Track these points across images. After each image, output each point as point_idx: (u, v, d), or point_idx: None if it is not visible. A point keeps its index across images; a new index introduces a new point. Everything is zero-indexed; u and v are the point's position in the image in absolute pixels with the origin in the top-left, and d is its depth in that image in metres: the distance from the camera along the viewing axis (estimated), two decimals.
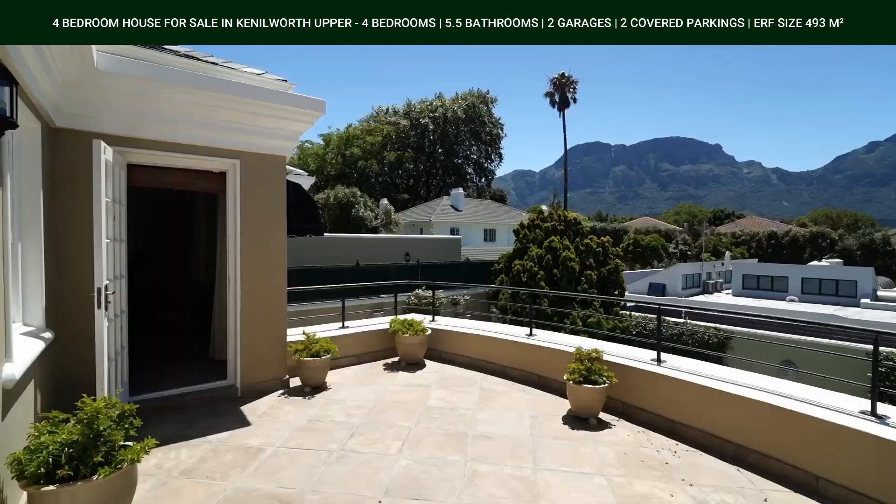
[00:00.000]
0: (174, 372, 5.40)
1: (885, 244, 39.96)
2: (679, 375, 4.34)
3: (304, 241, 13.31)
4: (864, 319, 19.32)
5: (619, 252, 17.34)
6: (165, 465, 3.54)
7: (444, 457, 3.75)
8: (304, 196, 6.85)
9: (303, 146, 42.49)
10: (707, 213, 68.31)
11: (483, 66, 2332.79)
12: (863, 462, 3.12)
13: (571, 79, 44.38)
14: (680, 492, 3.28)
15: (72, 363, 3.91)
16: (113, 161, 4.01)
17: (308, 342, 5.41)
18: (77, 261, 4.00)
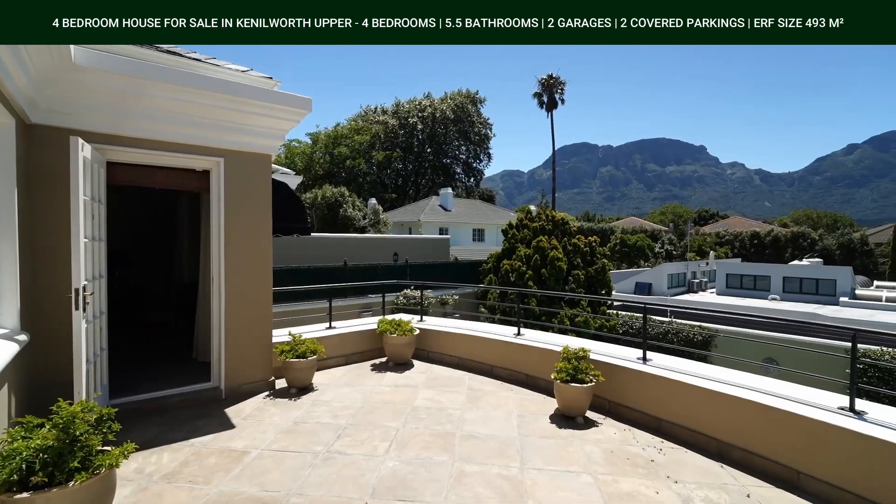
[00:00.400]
0: (157, 374, 5.29)
1: (863, 244, 41.03)
2: (664, 374, 4.39)
3: (290, 241, 13.19)
4: (843, 317, 19.80)
5: (606, 252, 17.50)
6: (146, 470, 3.46)
7: (431, 457, 3.73)
8: (290, 195, 6.77)
9: (290, 145, 42.07)
10: (692, 213, 69.42)
11: (472, 66, 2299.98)
12: (842, 457, 3.19)
13: (559, 80, 44.73)
14: (665, 489, 3.31)
15: (48, 366, 3.81)
16: (92, 158, 3.91)
17: (294, 343, 5.35)
18: (54, 261, 3.89)
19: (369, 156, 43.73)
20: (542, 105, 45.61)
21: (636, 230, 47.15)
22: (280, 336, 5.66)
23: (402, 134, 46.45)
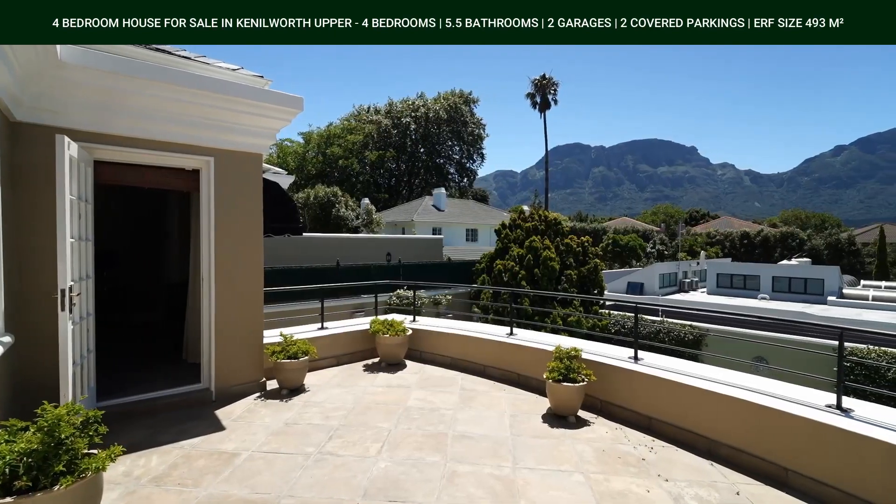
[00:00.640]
0: (146, 375, 5.23)
1: (850, 244, 41.64)
2: (655, 373, 4.42)
3: (282, 241, 13.10)
4: (831, 316, 20.07)
5: (598, 252, 17.58)
6: (134, 473, 3.41)
7: (423, 458, 3.72)
8: (282, 195, 6.73)
9: (282, 144, 41.83)
10: (683, 213, 70.01)
11: (465, 66, 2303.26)
12: (829, 454, 3.23)
13: (552, 80, 44.91)
14: (656, 487, 3.33)
15: (33, 368, 3.74)
16: (78, 157, 3.85)
17: (285, 343, 5.31)
18: (40, 261, 3.82)
19: (362, 155, 43.58)
20: (535, 106, 45.79)
21: (628, 230, 47.47)
22: (271, 337, 5.62)
23: (395, 134, 46.36)
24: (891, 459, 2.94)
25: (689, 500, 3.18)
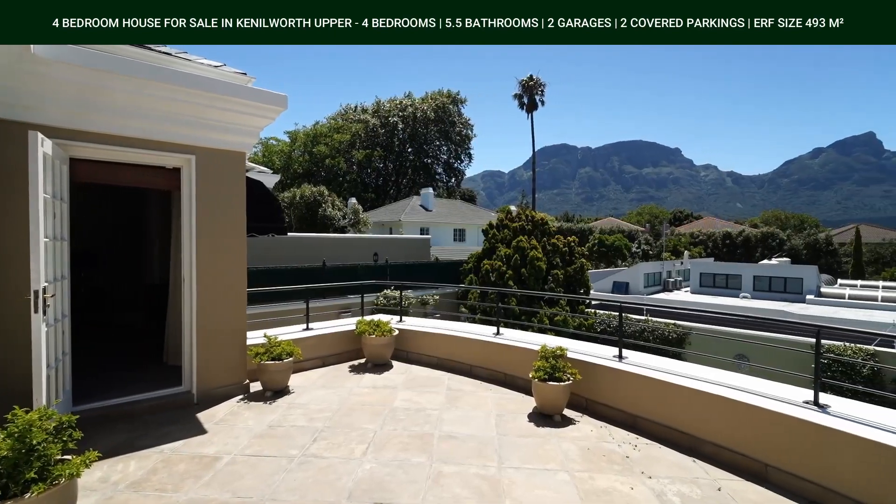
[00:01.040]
0: (125, 378, 5.10)
1: (828, 244, 42.74)
2: (639, 371, 4.46)
3: (267, 241, 12.93)
4: (809, 314, 20.57)
5: (584, 252, 17.73)
6: (112, 479, 3.32)
7: (408, 459, 3.70)
8: (265, 194, 6.64)
9: (268, 143, 41.32)
10: (667, 213, 71.11)
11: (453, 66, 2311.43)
12: (807, 449, 3.29)
13: (539, 81, 45.15)
14: (639, 484, 3.36)
15: (4, 372, 3.62)
16: (53, 154, 3.74)
17: (269, 345, 5.24)
18: (11, 261, 3.71)
19: (349, 155, 43.29)
20: (523, 106, 45.96)
21: (614, 230, 48.02)
22: (255, 338, 5.54)
23: (382, 133, 46.15)
24: (864, 453, 3.01)
25: (671, 496, 3.21)
